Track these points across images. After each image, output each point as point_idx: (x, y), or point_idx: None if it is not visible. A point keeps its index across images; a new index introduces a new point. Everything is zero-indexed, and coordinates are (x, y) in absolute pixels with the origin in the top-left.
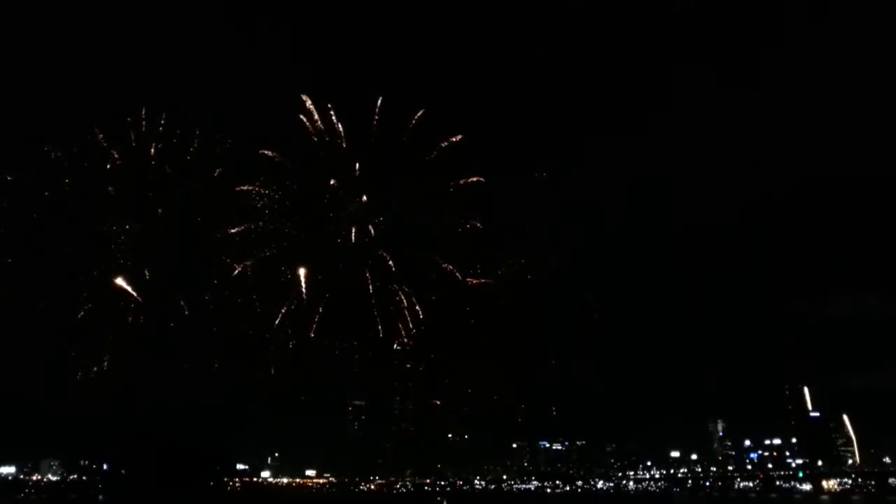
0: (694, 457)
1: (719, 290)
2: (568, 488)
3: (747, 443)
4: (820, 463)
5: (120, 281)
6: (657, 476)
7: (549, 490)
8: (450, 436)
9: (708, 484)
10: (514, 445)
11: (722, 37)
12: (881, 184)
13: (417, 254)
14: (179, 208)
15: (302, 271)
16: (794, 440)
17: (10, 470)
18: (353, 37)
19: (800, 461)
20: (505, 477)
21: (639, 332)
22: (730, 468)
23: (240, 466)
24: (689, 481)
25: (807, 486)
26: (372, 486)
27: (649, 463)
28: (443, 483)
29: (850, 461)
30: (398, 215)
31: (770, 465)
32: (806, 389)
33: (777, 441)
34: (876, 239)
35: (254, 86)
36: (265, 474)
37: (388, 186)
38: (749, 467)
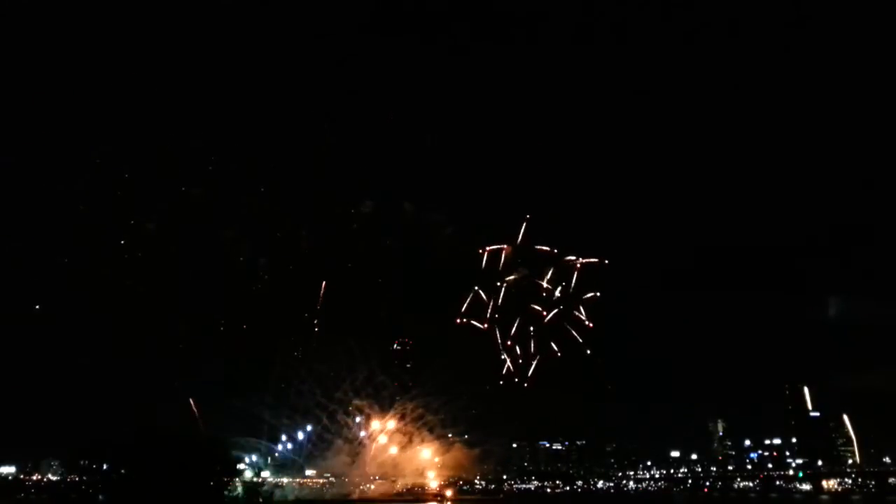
0: (694, 457)
1: (720, 291)
2: (568, 488)
3: (747, 443)
4: (820, 463)
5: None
6: (657, 476)
7: (549, 490)
8: (449, 436)
9: (707, 484)
10: (514, 445)
11: None
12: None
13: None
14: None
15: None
16: (794, 440)
17: (10, 470)
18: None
19: (800, 461)
20: (505, 477)
21: (639, 332)
22: (730, 468)
23: (240, 466)
24: (689, 481)
25: (807, 486)
26: (372, 486)
27: (649, 463)
28: (443, 483)
29: (850, 461)
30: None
31: (770, 465)
32: (806, 389)
33: (777, 441)
34: (876, 240)
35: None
36: (265, 474)
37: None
38: (749, 467)
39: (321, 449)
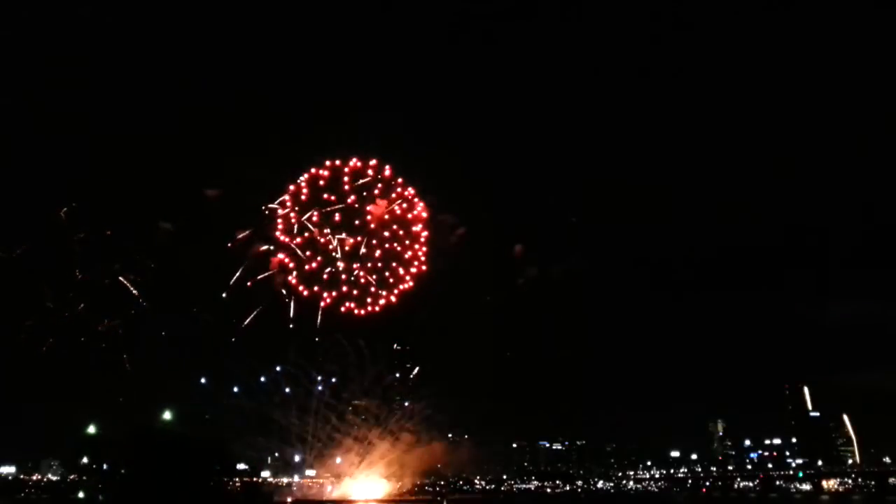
0: (694, 457)
1: (720, 292)
2: (568, 488)
3: (747, 443)
4: (820, 463)
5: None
6: (657, 476)
7: (549, 490)
8: (450, 436)
9: (707, 484)
10: (514, 445)
11: None
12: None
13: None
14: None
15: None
16: (794, 440)
17: (10, 470)
18: None
19: (800, 461)
20: (505, 477)
21: (639, 332)
22: (730, 468)
23: (240, 466)
24: (689, 481)
25: (807, 486)
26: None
27: (649, 463)
28: (442, 483)
29: (850, 461)
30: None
31: (770, 465)
32: (806, 389)
33: (777, 441)
34: (876, 243)
35: None
36: (265, 474)
37: None
38: (749, 467)
39: (330, 448)
